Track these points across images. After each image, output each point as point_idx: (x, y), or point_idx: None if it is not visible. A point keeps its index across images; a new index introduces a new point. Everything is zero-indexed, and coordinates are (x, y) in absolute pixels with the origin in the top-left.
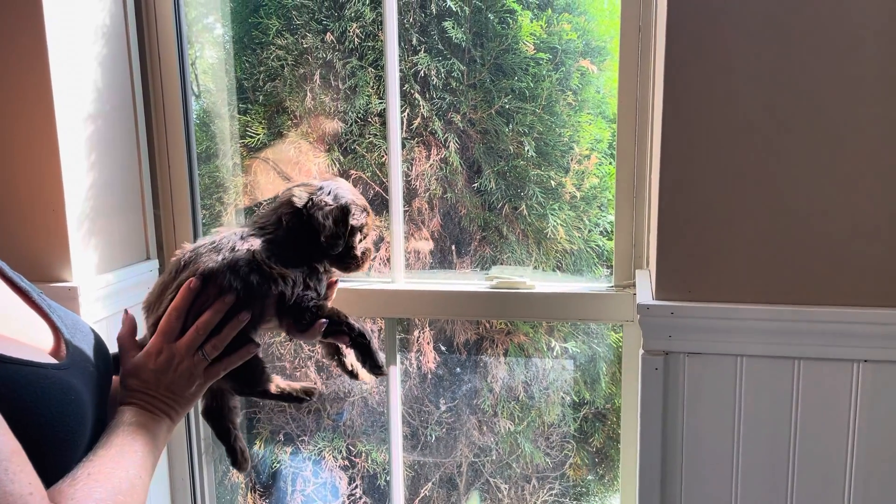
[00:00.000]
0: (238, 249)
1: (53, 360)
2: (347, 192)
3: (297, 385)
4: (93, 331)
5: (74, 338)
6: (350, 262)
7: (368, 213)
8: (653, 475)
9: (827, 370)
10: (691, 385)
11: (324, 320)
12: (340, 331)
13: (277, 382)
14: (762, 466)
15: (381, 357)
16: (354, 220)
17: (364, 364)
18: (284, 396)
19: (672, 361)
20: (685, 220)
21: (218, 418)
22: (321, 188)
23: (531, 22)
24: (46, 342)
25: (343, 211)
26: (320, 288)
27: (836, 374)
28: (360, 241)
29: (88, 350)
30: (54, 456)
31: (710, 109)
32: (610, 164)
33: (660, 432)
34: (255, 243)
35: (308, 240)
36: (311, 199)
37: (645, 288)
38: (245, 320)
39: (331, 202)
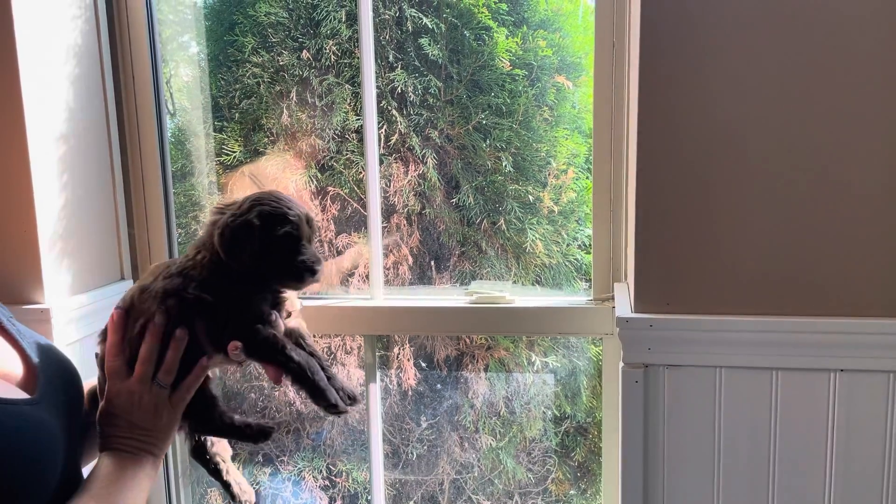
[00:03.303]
0: (167, 278)
1: (24, 395)
2: (269, 200)
3: (252, 422)
4: (63, 356)
5: (44, 364)
6: (287, 277)
7: (302, 221)
8: (635, 488)
9: (805, 380)
10: (671, 397)
11: (238, 343)
12: (274, 359)
13: (234, 419)
14: (743, 477)
15: (332, 394)
16: (280, 231)
17: (317, 405)
18: (238, 431)
19: (652, 374)
20: (662, 233)
21: (203, 455)
22: (233, 203)
23: (507, 38)
24: (16, 371)
25: (243, 226)
26: (264, 308)
27: (814, 384)
28: (299, 251)
29: (59, 378)
30: (27, 497)
31: (686, 122)
32: (587, 178)
33: (641, 445)
34: (183, 267)
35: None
36: (217, 219)
37: (624, 301)
38: (183, 337)
39: (229, 221)
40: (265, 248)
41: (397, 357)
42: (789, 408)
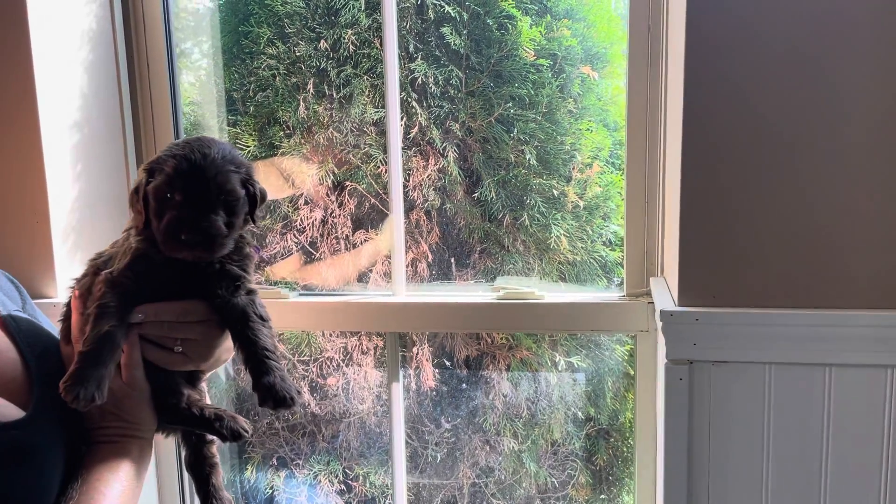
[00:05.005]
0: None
1: (16, 413)
2: (171, 147)
3: (229, 414)
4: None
5: (44, 367)
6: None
7: (183, 173)
8: (678, 492)
9: (859, 377)
10: (718, 395)
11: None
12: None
13: (204, 410)
14: (793, 479)
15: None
16: (149, 184)
17: None
18: (205, 423)
19: (697, 370)
20: (708, 225)
21: (198, 473)
22: None
23: (530, 28)
24: (12, 378)
25: (137, 182)
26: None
27: (869, 380)
28: (163, 212)
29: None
30: None
31: (733, 112)
32: (612, 172)
33: (685, 445)
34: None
35: None
36: None
37: (663, 295)
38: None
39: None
40: (147, 207)
41: (416, 357)
42: (843, 406)
